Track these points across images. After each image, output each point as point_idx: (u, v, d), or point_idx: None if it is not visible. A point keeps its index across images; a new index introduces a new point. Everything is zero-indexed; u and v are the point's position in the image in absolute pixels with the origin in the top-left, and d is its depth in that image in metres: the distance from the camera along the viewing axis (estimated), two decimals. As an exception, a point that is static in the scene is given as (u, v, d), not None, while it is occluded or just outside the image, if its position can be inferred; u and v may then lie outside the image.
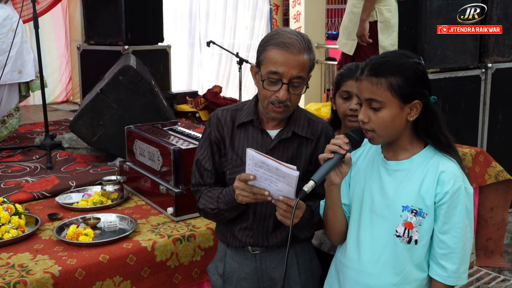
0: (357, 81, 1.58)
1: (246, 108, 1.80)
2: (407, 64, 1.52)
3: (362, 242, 1.62)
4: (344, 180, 1.68)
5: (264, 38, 1.71)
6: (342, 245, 1.71)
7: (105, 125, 3.22)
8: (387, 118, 1.51)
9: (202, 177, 1.82)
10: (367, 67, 1.54)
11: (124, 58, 3.72)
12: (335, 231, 1.70)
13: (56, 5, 6.25)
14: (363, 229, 1.62)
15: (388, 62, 1.52)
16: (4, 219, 2.21)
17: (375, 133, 1.54)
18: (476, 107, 3.98)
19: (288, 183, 1.53)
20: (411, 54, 1.56)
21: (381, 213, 1.59)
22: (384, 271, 1.58)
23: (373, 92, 1.51)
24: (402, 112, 1.52)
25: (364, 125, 1.55)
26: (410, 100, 1.51)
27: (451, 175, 1.53)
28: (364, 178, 1.65)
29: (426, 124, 1.56)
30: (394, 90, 1.50)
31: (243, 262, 1.82)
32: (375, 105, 1.52)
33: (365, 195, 1.63)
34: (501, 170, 3.42)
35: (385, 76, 1.50)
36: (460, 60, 3.85)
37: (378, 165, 1.63)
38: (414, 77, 1.51)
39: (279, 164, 1.50)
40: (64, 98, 7.34)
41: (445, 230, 1.54)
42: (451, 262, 1.54)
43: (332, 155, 1.53)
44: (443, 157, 1.56)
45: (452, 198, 1.52)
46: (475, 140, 4.02)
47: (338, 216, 1.67)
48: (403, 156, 1.59)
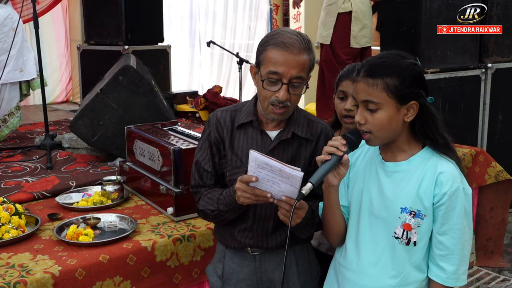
0: (353, 83, 1.57)
1: (245, 109, 1.79)
2: (403, 65, 1.51)
3: (361, 244, 1.62)
4: (343, 182, 1.68)
5: (264, 38, 1.70)
6: (341, 247, 1.71)
7: (105, 125, 3.22)
8: (383, 119, 1.51)
9: (201, 179, 1.81)
10: (363, 68, 1.53)
11: (124, 58, 3.72)
12: (334, 232, 1.70)
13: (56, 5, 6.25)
14: (362, 231, 1.62)
15: (384, 63, 1.52)
16: (4, 219, 2.21)
17: (372, 134, 1.53)
18: (476, 107, 3.98)
19: (292, 184, 1.52)
20: (408, 55, 1.56)
21: (380, 215, 1.59)
22: (383, 273, 1.58)
23: (369, 93, 1.50)
24: (399, 113, 1.51)
25: (361, 126, 1.54)
26: (406, 101, 1.51)
27: (449, 176, 1.52)
28: (362, 180, 1.65)
29: (423, 125, 1.55)
30: (391, 91, 1.49)
31: (242, 263, 1.82)
32: (371, 106, 1.51)
33: (364, 197, 1.63)
34: (501, 170, 3.42)
35: (381, 77, 1.49)
36: (460, 60, 3.85)
37: (376, 167, 1.63)
38: (410, 78, 1.51)
39: (283, 165, 1.50)
40: (64, 98, 7.34)
41: (443, 231, 1.54)
42: (450, 263, 1.54)
43: (330, 156, 1.53)
44: (441, 158, 1.56)
45: (450, 199, 1.51)
46: (475, 140, 4.02)
47: (337, 218, 1.67)
48: (401, 158, 1.59)
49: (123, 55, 4.29)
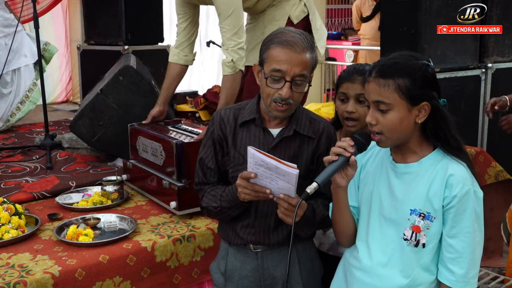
0: (365, 83, 1.57)
1: (248, 107, 1.82)
2: (415, 66, 1.51)
3: (371, 245, 1.61)
4: (353, 183, 1.68)
5: (267, 37, 1.73)
6: (352, 247, 1.71)
7: (105, 125, 3.22)
8: (395, 120, 1.50)
9: (205, 176, 1.84)
10: (375, 68, 1.53)
11: (124, 58, 3.71)
12: (344, 233, 1.69)
13: (56, 5, 6.25)
14: (372, 232, 1.62)
15: (396, 63, 1.51)
16: (4, 219, 2.21)
17: (383, 135, 1.53)
18: (476, 107, 3.97)
19: (288, 181, 1.53)
20: (420, 56, 1.55)
21: (390, 216, 1.58)
22: (393, 274, 1.58)
23: (381, 94, 1.50)
24: (410, 114, 1.51)
25: (372, 127, 1.54)
26: (418, 102, 1.50)
27: (459, 178, 1.51)
28: (373, 181, 1.65)
29: (435, 126, 1.54)
30: (402, 92, 1.48)
31: (244, 260, 1.84)
32: (382, 107, 1.50)
33: (374, 198, 1.62)
34: (501, 170, 3.42)
35: (392, 77, 1.49)
36: (460, 60, 3.85)
37: (387, 168, 1.62)
38: (422, 79, 1.50)
39: (279, 163, 1.51)
40: (64, 98, 7.33)
41: (453, 234, 1.52)
42: (459, 267, 1.53)
43: (337, 157, 1.52)
44: (452, 160, 1.55)
45: (460, 202, 1.50)
46: (475, 140, 4.02)
47: (346, 219, 1.66)
48: (412, 159, 1.58)
49: (123, 55, 4.29)
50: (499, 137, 4.11)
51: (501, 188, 3.47)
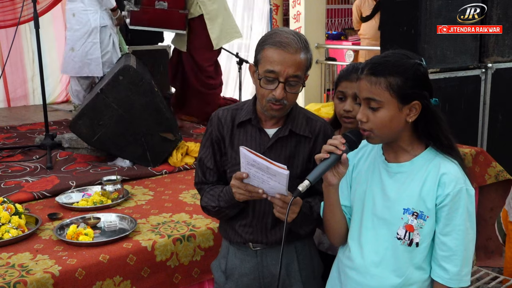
0: (357, 81, 1.57)
1: (245, 108, 1.83)
2: (407, 65, 1.51)
3: (364, 244, 1.62)
4: (345, 182, 1.68)
5: (262, 38, 1.74)
6: (344, 246, 1.71)
7: (105, 125, 3.22)
8: (385, 118, 1.51)
9: (204, 176, 1.85)
10: (367, 66, 1.53)
11: (124, 58, 3.72)
12: (335, 232, 1.69)
13: (56, 5, 6.24)
14: (365, 231, 1.62)
15: (388, 62, 1.52)
16: (4, 219, 2.21)
17: (372, 132, 1.53)
18: (476, 107, 3.98)
19: (279, 181, 1.54)
20: (413, 55, 1.55)
21: (382, 216, 1.58)
22: (386, 273, 1.58)
23: (372, 91, 1.50)
24: (401, 112, 1.51)
25: (362, 124, 1.54)
26: (409, 101, 1.50)
27: (452, 177, 1.52)
28: (365, 181, 1.65)
29: (426, 125, 1.55)
30: (393, 90, 1.49)
31: (244, 259, 1.84)
32: (373, 104, 1.51)
33: (367, 197, 1.63)
34: (501, 170, 3.42)
35: (384, 75, 1.49)
36: (460, 60, 3.85)
37: (380, 167, 1.62)
38: (414, 78, 1.50)
39: (269, 163, 1.52)
40: (64, 98, 7.32)
41: (446, 232, 1.53)
42: (452, 264, 1.53)
43: (328, 155, 1.53)
44: (444, 159, 1.55)
45: (453, 200, 1.51)
46: (475, 140, 4.02)
47: (337, 217, 1.67)
48: (404, 158, 1.58)
49: (123, 55, 4.30)
50: (499, 137, 4.12)
51: (501, 188, 3.47)
